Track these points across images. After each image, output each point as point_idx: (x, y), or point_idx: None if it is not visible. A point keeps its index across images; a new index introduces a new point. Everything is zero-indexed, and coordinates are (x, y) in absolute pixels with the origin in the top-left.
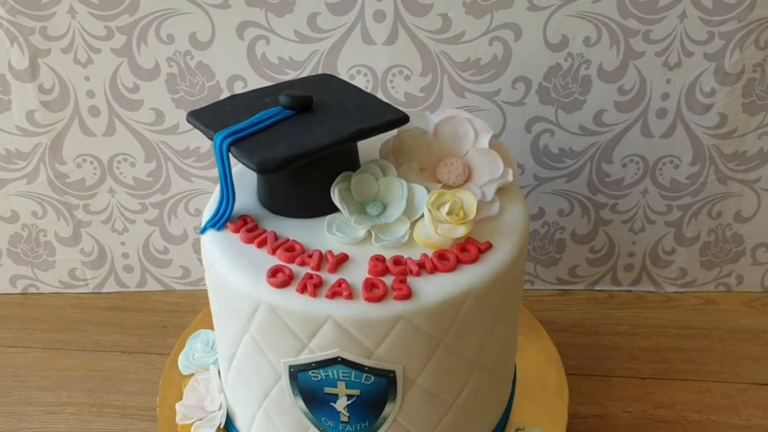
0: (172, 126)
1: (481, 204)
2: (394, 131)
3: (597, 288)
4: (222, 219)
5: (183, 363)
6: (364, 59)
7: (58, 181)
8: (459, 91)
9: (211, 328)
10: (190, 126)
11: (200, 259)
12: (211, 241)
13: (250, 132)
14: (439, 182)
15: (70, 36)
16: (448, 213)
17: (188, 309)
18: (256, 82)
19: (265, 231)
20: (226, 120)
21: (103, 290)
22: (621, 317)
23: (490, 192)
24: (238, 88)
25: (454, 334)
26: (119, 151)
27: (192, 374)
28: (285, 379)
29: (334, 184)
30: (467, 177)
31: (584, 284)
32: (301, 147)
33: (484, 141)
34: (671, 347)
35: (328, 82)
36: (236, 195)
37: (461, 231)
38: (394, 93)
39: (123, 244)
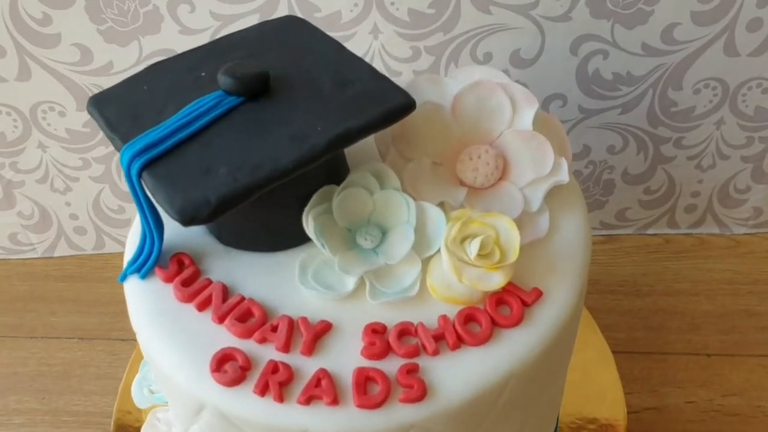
0: (104, 65)
1: (524, 219)
2: None
3: (650, 232)
4: (147, 263)
5: (137, 395)
6: None
7: None
8: (482, 4)
9: None
10: (129, 62)
11: None
12: (133, 294)
13: (173, 144)
14: (463, 184)
15: None
16: (479, 253)
17: None
18: (206, 4)
19: (210, 282)
20: (141, 116)
21: (55, 254)
22: (679, 270)
23: (537, 198)
24: (184, 14)
25: (486, 428)
26: (42, 99)
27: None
28: None
29: (307, 209)
30: (501, 173)
31: (634, 228)
32: (252, 174)
33: (527, 118)
34: (742, 310)
35: (292, 33)
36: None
37: (498, 279)
38: (395, 11)
39: (68, 204)
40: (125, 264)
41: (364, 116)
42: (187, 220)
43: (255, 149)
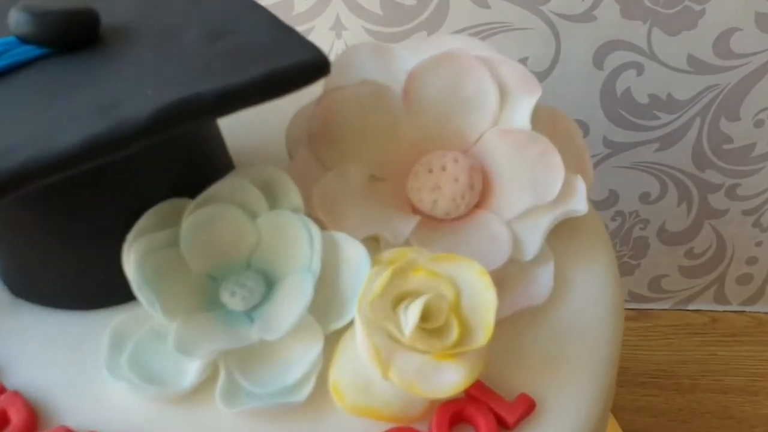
0: None
1: (512, 272)
2: (317, 88)
3: (692, 308)
4: None
5: None
6: None
7: None
8: None
9: None
10: None
11: None
12: None
13: None
14: (415, 211)
15: None
16: (423, 324)
17: None
18: None
19: None
20: None
21: None
22: (731, 359)
23: (534, 239)
24: None
25: None
26: None
27: None
28: None
29: (131, 237)
30: (478, 198)
31: (672, 302)
32: (10, 159)
33: (523, 112)
34: None
35: None
36: None
37: (454, 378)
38: (364, 2)
39: None
40: None
41: (231, 78)
42: None
43: (27, 122)
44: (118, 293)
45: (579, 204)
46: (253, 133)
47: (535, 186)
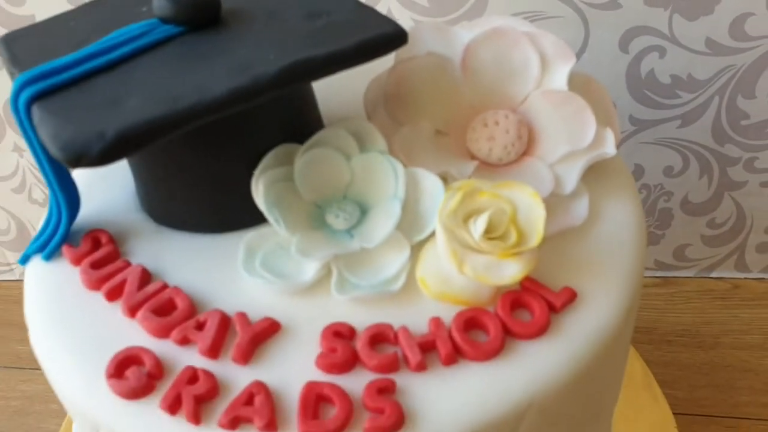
0: None
1: (554, 203)
2: (389, 60)
3: (714, 275)
4: (52, 239)
5: None
6: None
7: None
8: None
9: None
10: None
11: None
12: (32, 281)
13: (79, 73)
14: (473, 158)
15: None
16: (487, 233)
17: None
18: None
19: (128, 264)
20: (54, 49)
21: None
22: (751, 320)
23: (572, 177)
24: None
25: None
26: None
27: None
28: None
29: (258, 171)
30: (525, 147)
31: (696, 270)
32: (167, 105)
33: (560, 76)
34: None
35: None
36: (102, 185)
37: (513, 270)
38: None
39: None
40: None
41: (334, 45)
42: (71, 158)
43: (181, 81)
44: (243, 219)
45: (608, 149)
46: (334, 98)
47: (571, 136)
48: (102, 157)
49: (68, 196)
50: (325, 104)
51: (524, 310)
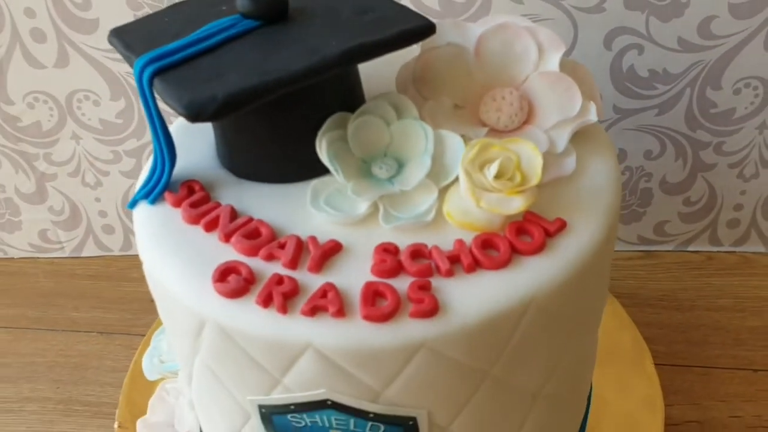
0: None
1: (549, 158)
2: (416, 49)
3: (690, 249)
4: (156, 187)
5: (147, 366)
6: None
7: (7, 125)
8: None
9: None
10: None
11: None
12: (141, 220)
13: (185, 56)
14: (485, 125)
15: None
16: (497, 176)
17: None
18: None
19: (219, 205)
20: (158, 38)
21: (83, 254)
22: (722, 287)
23: (562, 139)
24: None
25: (505, 363)
26: (78, 87)
27: (161, 379)
28: (256, 421)
29: (321, 132)
30: (526, 117)
31: (674, 244)
32: (261, 77)
33: (553, 61)
34: None
35: None
36: (187, 148)
37: (518, 204)
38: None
39: (98, 200)
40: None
41: (381, 34)
42: (193, 114)
43: (266, 60)
44: (308, 171)
45: (592, 116)
46: (369, 76)
47: (562, 108)
48: (214, 114)
49: (171, 153)
50: (365, 83)
51: (526, 234)
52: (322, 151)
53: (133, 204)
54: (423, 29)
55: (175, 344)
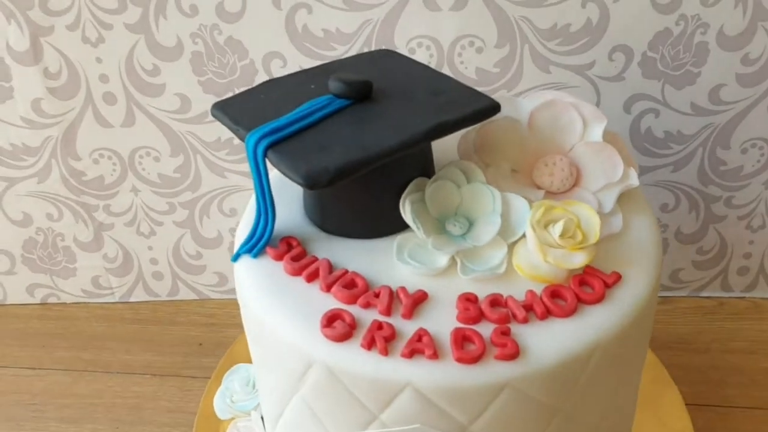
0: (199, 114)
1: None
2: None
3: (703, 294)
4: (259, 243)
5: (219, 406)
6: (426, 29)
7: (73, 179)
8: (543, 64)
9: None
10: None
11: None
12: (246, 271)
13: (292, 131)
14: (538, 188)
15: (76, 10)
16: (561, 235)
17: (226, 321)
18: (297, 59)
19: (316, 258)
20: (261, 114)
21: (131, 299)
22: (735, 330)
23: (610, 201)
24: (276, 68)
25: (575, 400)
26: (141, 144)
27: (231, 419)
28: None
29: (404, 195)
30: (575, 180)
31: (688, 290)
32: (363, 151)
33: (597, 132)
34: None
35: (387, 60)
36: (276, 209)
37: (581, 259)
38: (463, 69)
39: (150, 248)
40: (236, 247)
41: (456, 113)
42: (310, 183)
43: (363, 134)
44: (391, 228)
45: (634, 180)
46: (436, 145)
47: (607, 172)
48: (328, 183)
49: (273, 214)
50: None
51: (587, 286)
52: (406, 211)
53: (236, 257)
54: (491, 108)
55: (269, 384)
